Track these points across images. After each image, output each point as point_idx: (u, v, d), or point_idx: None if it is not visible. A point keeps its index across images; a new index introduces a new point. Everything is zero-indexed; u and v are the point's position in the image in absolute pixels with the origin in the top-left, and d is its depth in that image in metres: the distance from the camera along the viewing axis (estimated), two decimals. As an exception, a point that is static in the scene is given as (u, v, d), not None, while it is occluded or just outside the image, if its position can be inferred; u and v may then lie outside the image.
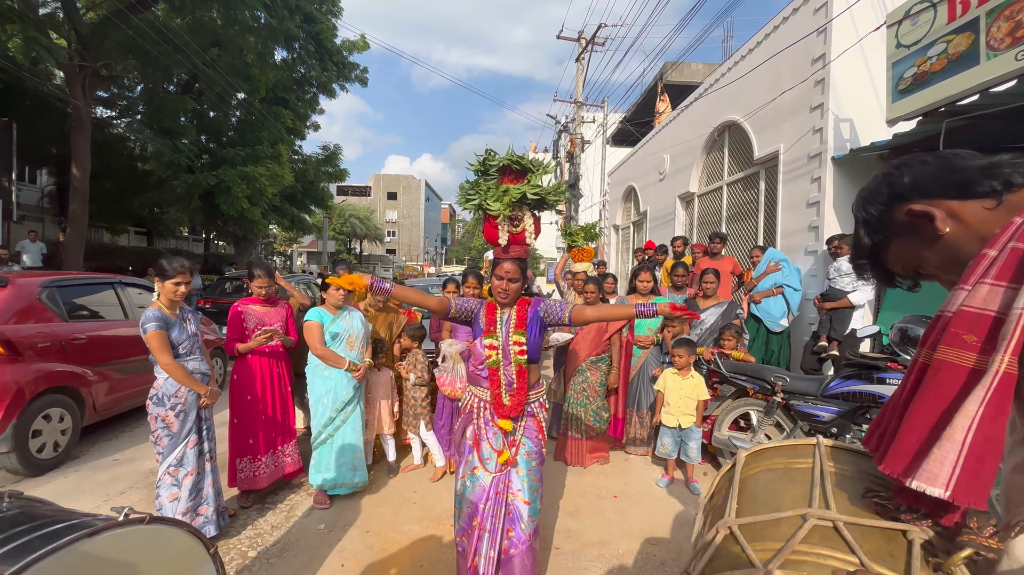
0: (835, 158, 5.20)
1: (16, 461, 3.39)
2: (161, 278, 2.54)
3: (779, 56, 6.07)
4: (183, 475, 2.54)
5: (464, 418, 2.26)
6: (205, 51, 11.83)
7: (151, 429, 2.55)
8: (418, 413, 3.69)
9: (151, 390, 2.55)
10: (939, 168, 0.84)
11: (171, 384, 2.52)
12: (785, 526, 0.95)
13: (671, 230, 9.37)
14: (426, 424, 3.68)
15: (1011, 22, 3.25)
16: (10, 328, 3.48)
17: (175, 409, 2.53)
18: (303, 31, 13.68)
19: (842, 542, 0.86)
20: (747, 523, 1.01)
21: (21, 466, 3.43)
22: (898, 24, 4.13)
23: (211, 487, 2.67)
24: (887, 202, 0.87)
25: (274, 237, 31.15)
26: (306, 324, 3.17)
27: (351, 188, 50.13)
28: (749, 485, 1.16)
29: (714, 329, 3.98)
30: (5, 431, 3.30)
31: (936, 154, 0.87)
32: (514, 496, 2.12)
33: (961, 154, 0.84)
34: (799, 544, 0.87)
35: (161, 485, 2.54)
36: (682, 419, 3.46)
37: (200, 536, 1.31)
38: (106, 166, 13.23)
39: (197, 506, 2.61)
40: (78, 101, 10.02)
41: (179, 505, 2.52)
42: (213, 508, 2.67)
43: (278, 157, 13.97)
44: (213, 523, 2.66)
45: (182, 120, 13.16)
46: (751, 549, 0.92)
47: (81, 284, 4.30)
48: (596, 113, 18.12)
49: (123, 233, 16.71)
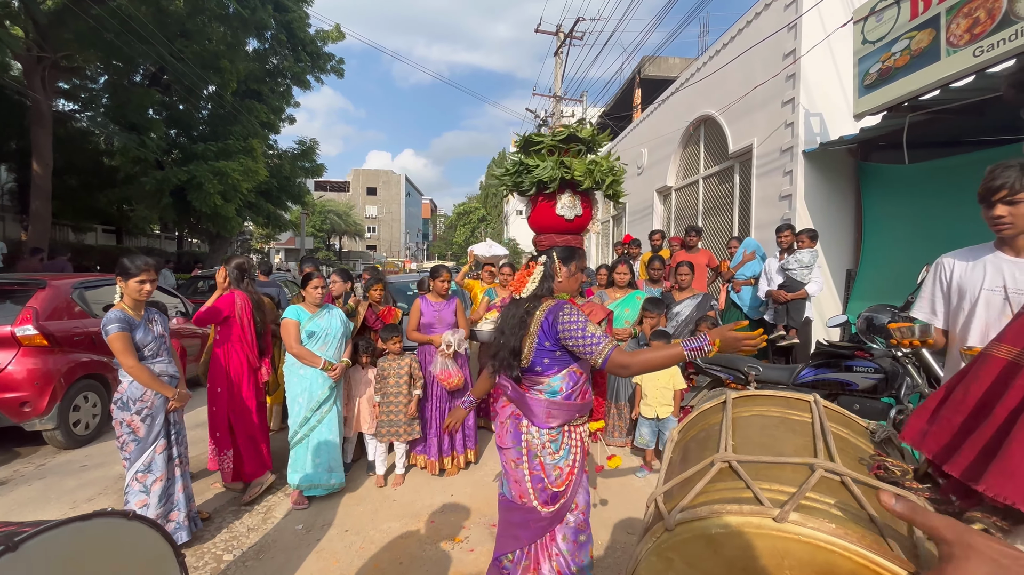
0: (806, 152, 5.32)
1: (61, 436, 4.02)
2: (124, 277, 2.45)
3: (752, 51, 6.17)
4: (151, 481, 2.47)
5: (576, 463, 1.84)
6: (172, 42, 11.43)
7: (116, 434, 2.47)
8: (398, 420, 3.43)
9: (115, 394, 2.47)
10: None
11: (136, 387, 2.44)
12: (790, 471, 0.91)
13: (650, 224, 9.48)
14: (404, 432, 3.45)
15: (969, 19, 3.36)
16: (52, 323, 4.04)
17: (141, 413, 2.45)
18: (274, 20, 13.32)
19: (849, 496, 0.84)
20: (748, 461, 0.96)
21: (64, 440, 4.05)
22: (864, 20, 4.24)
23: (182, 492, 2.60)
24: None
25: (250, 234, 30.45)
26: (283, 322, 3.12)
27: (329, 183, 49.26)
28: (741, 425, 1.12)
29: (689, 321, 4.05)
30: (52, 411, 3.91)
31: None
32: (573, 509, 1.92)
33: None
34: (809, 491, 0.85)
35: (129, 491, 2.46)
36: (659, 409, 3.52)
37: (171, 541, 1.30)
38: (69, 161, 12.70)
39: (168, 512, 2.54)
40: (37, 94, 9.60)
41: (148, 511, 2.44)
42: (184, 513, 2.61)
43: (251, 152, 13.61)
44: (185, 529, 2.60)
45: (150, 114, 12.70)
46: (756, 485, 0.88)
47: (104, 284, 4.76)
48: (575, 107, 18.15)
49: (90, 231, 16.11)
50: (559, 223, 3.63)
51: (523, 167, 3.57)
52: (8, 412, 3.77)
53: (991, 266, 1.66)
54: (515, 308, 1.83)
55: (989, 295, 1.65)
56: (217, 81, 12.84)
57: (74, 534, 1.07)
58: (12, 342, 3.84)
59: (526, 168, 3.54)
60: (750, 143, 6.28)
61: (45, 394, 3.86)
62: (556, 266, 1.84)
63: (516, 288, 1.84)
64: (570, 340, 1.68)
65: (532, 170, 3.50)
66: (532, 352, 1.74)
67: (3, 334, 3.83)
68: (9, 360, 3.81)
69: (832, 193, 5.39)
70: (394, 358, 3.50)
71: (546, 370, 1.75)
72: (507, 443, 1.83)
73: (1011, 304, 1.60)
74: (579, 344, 1.67)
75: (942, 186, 3.80)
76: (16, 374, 3.79)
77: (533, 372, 1.77)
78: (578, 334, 1.66)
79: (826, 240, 5.27)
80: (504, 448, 1.85)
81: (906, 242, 4.08)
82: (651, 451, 3.63)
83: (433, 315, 3.67)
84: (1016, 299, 1.59)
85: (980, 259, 1.70)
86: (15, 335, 3.84)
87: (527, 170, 3.53)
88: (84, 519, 1.10)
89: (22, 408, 3.79)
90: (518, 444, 1.79)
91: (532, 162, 3.52)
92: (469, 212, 49.58)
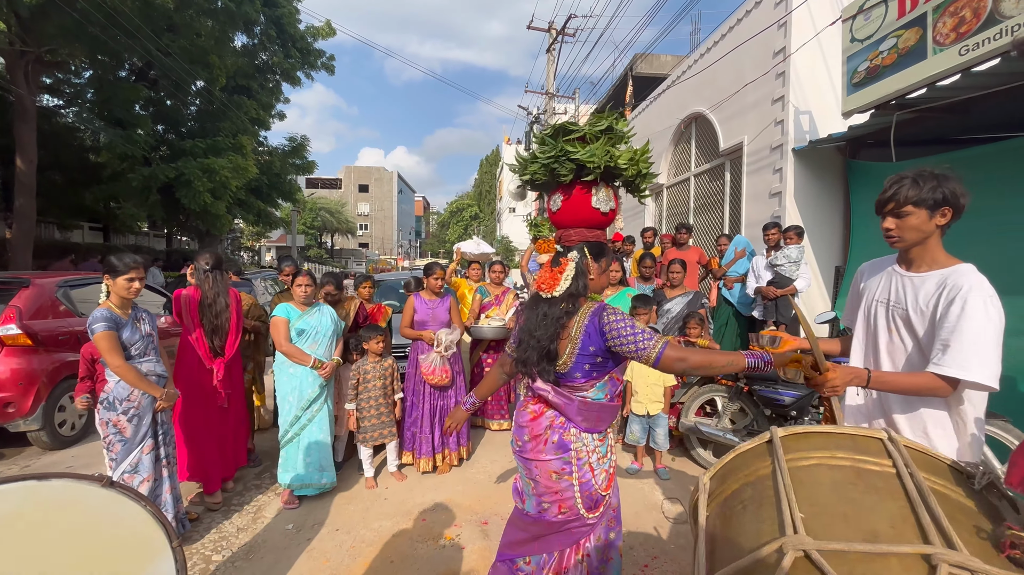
0: (795, 149, 5.35)
1: (46, 437, 3.98)
2: (111, 275, 2.40)
3: (742, 49, 6.19)
4: (138, 482, 2.44)
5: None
6: (159, 36, 11.25)
7: (102, 434, 2.44)
8: (379, 423, 3.38)
9: (101, 394, 2.43)
10: None
11: (123, 387, 2.41)
12: (898, 567, 0.68)
13: (641, 221, 9.51)
14: (387, 435, 3.41)
15: (955, 18, 3.39)
16: (36, 323, 3.98)
17: (128, 413, 2.42)
18: (264, 15, 13.15)
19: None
20: (834, 551, 0.72)
21: (49, 441, 4.00)
22: (852, 19, 4.26)
23: (169, 494, 2.58)
24: None
25: (240, 232, 30.17)
26: (272, 320, 3.08)
27: (321, 181, 48.92)
28: (805, 482, 0.87)
29: (679, 318, 4.06)
30: (36, 412, 3.87)
31: None
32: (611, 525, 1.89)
33: None
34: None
35: None
36: (650, 406, 3.53)
37: (164, 522, 1.18)
38: (55, 158, 12.49)
39: None
40: (20, 89, 9.42)
41: None
42: (172, 515, 2.58)
43: (241, 148, 13.46)
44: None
45: (136, 109, 12.51)
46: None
47: (89, 283, 4.69)
48: (567, 104, 18.13)
49: (76, 229, 15.87)
50: (594, 216, 3.39)
51: (563, 153, 3.27)
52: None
53: (886, 277, 1.64)
54: (546, 307, 1.69)
55: (876, 306, 1.64)
56: (205, 76, 12.67)
57: (26, 494, 0.93)
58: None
59: (565, 154, 3.26)
60: (740, 141, 6.31)
61: (29, 395, 3.83)
62: (588, 262, 1.74)
63: (548, 286, 1.69)
64: (619, 341, 1.57)
65: (571, 156, 3.28)
66: (573, 358, 1.63)
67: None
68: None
69: (821, 191, 5.43)
70: (375, 360, 3.43)
71: (587, 377, 1.65)
72: (547, 455, 1.67)
73: (891, 318, 1.58)
74: (629, 344, 1.56)
75: (928, 184, 3.86)
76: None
77: (571, 380, 1.66)
78: (628, 334, 1.56)
79: (815, 237, 5.31)
80: (541, 460, 1.68)
81: (893, 239, 4.15)
82: (641, 448, 3.64)
83: (427, 313, 3.66)
84: (895, 312, 1.57)
85: (884, 269, 1.68)
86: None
87: (565, 156, 3.25)
88: (40, 478, 0.94)
89: (6, 409, 3.74)
90: (566, 453, 1.65)
91: (574, 149, 3.22)
92: (462, 209, 49.49)
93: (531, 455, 1.70)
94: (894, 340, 1.57)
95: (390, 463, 3.52)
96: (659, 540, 2.72)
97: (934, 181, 1.45)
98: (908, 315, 1.52)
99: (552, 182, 3.47)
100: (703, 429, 3.57)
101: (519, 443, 1.75)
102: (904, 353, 1.54)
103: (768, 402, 3.43)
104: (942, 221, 1.47)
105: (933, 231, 1.49)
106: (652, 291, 4.50)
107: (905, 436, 1.39)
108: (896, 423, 1.54)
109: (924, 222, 1.47)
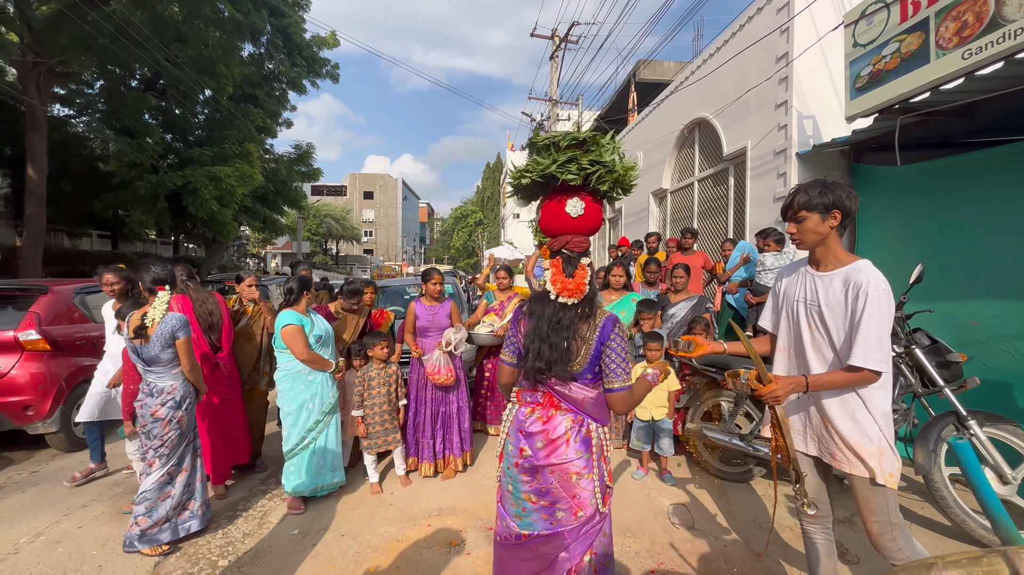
0: (799, 154, 5.35)
1: (63, 439, 4.10)
2: (171, 287, 2.76)
3: (745, 54, 6.21)
4: (178, 473, 2.68)
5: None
6: (167, 46, 11.42)
7: (161, 432, 2.61)
8: (383, 430, 3.38)
9: (164, 395, 2.62)
10: None
11: (186, 385, 2.71)
12: None
13: (646, 226, 9.51)
14: (392, 442, 3.42)
15: (958, 22, 3.40)
16: (55, 329, 4.13)
17: (189, 410, 2.72)
18: (270, 25, 13.32)
19: None
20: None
21: (67, 443, 4.13)
22: (855, 24, 4.27)
23: (199, 482, 2.80)
24: None
25: (247, 239, 30.37)
26: (286, 329, 3.02)
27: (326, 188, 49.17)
28: None
29: (684, 322, 4.06)
30: (54, 414, 3.99)
31: None
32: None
33: None
34: None
35: (152, 487, 2.61)
36: (655, 411, 3.52)
37: None
38: (64, 167, 12.66)
39: (187, 501, 2.73)
40: (32, 99, 9.56)
41: (171, 502, 2.64)
42: (200, 502, 2.78)
43: (247, 156, 13.60)
44: (198, 518, 2.76)
45: (145, 118, 12.68)
46: None
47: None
48: (571, 111, 18.21)
49: (84, 237, 16.05)
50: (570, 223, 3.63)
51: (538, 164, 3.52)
52: (11, 416, 3.85)
53: (800, 278, 1.83)
54: (561, 312, 1.68)
55: (796, 305, 1.82)
56: (213, 85, 12.84)
57: None
58: (15, 347, 3.91)
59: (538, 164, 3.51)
60: (744, 145, 6.32)
61: (48, 398, 3.95)
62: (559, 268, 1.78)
63: (576, 293, 1.68)
64: (612, 355, 1.63)
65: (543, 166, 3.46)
66: (587, 360, 1.65)
67: (6, 339, 3.90)
68: (12, 365, 3.89)
69: (826, 195, 5.42)
70: (380, 366, 3.45)
71: (596, 378, 1.69)
72: (570, 455, 1.64)
73: (809, 314, 1.77)
74: (616, 363, 1.63)
75: (933, 187, 3.82)
76: (19, 378, 3.87)
77: (583, 380, 1.67)
78: (622, 354, 1.64)
79: (820, 241, 5.29)
80: (561, 464, 1.64)
81: (898, 242, 4.10)
82: (647, 453, 3.63)
83: (428, 318, 3.68)
84: (812, 309, 1.76)
85: (797, 271, 1.86)
86: (18, 340, 3.91)
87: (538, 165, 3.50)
88: None
89: (25, 411, 3.87)
90: (588, 450, 1.65)
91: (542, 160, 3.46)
92: (466, 215, 49.58)
93: (549, 460, 1.65)
94: (815, 336, 1.76)
95: (398, 468, 3.53)
96: (665, 546, 2.71)
97: (821, 187, 1.68)
98: (823, 312, 1.72)
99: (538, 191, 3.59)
100: (709, 434, 3.55)
101: (529, 452, 1.67)
102: (827, 346, 1.73)
103: (774, 407, 3.41)
104: (834, 223, 1.68)
105: (828, 232, 1.70)
106: (656, 296, 4.50)
107: (837, 423, 1.71)
108: (827, 411, 1.74)
109: (818, 224, 1.69)
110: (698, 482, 3.53)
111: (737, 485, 3.46)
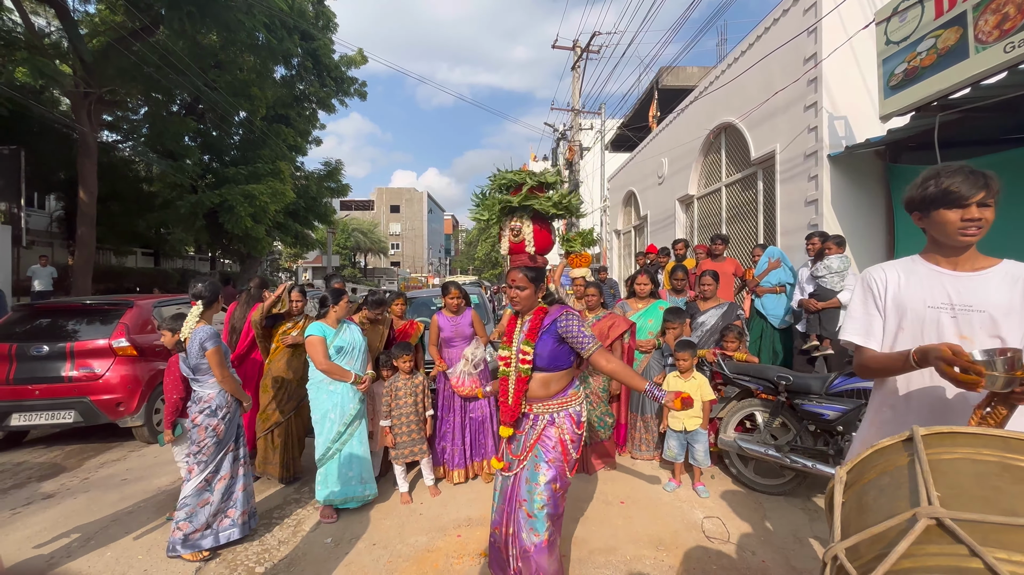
0: (831, 156, 5.21)
1: (147, 431, 4.69)
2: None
3: (771, 57, 6.11)
4: (216, 480, 2.76)
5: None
6: (206, 72, 12.03)
7: (198, 439, 2.73)
8: (410, 440, 3.41)
9: (202, 403, 2.75)
10: None
11: (223, 395, 2.78)
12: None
13: (672, 233, 9.39)
14: (418, 452, 3.45)
15: (998, 15, 3.27)
16: (139, 337, 4.75)
17: (225, 419, 2.79)
18: (301, 48, 13.88)
19: None
20: (967, 520, 0.75)
21: (149, 435, 4.70)
22: (886, 21, 4.16)
23: (242, 491, 2.85)
24: None
25: (279, 253, 31.38)
26: (309, 339, 3.15)
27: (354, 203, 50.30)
28: (945, 471, 0.88)
29: (714, 330, 3.97)
30: (140, 410, 4.61)
31: None
32: (519, 505, 2.13)
33: None
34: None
35: (191, 493, 2.70)
36: (687, 422, 3.45)
37: None
38: (112, 189, 13.42)
39: (226, 509, 2.80)
40: (84, 126, 10.21)
41: (210, 509, 2.72)
42: (241, 511, 2.83)
43: (279, 174, 14.13)
44: (238, 527, 2.82)
45: (186, 140, 13.35)
46: (988, 553, 0.71)
47: (174, 303, 5.49)
48: (594, 120, 18.22)
49: (130, 255, 16.92)
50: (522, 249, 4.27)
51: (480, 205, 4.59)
52: (107, 411, 4.46)
53: (927, 280, 1.47)
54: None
55: (932, 313, 1.44)
56: (248, 108, 13.43)
57: None
58: (109, 352, 4.56)
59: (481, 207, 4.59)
60: (772, 149, 6.19)
61: (135, 396, 4.57)
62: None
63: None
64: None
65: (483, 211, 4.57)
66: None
67: (102, 346, 4.55)
68: (107, 368, 4.53)
69: (861, 197, 5.25)
70: (406, 377, 3.50)
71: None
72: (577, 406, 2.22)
73: (962, 322, 1.42)
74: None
75: (978, 186, 3.68)
76: (112, 379, 4.51)
77: None
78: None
79: (855, 245, 5.11)
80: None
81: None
82: (680, 464, 3.55)
83: (451, 329, 3.76)
84: (963, 317, 1.41)
85: (915, 273, 1.50)
86: (112, 347, 4.56)
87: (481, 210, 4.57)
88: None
89: (117, 408, 4.49)
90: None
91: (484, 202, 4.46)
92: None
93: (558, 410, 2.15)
94: (966, 346, 1.35)
95: (426, 478, 3.55)
96: (700, 560, 2.63)
97: (988, 176, 1.41)
98: (993, 318, 1.38)
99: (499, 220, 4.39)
100: (743, 445, 3.45)
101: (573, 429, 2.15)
102: None
103: (812, 416, 3.29)
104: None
105: None
106: (684, 303, 4.42)
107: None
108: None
109: (992, 215, 1.41)
110: (733, 495, 3.42)
111: (775, 498, 3.34)
